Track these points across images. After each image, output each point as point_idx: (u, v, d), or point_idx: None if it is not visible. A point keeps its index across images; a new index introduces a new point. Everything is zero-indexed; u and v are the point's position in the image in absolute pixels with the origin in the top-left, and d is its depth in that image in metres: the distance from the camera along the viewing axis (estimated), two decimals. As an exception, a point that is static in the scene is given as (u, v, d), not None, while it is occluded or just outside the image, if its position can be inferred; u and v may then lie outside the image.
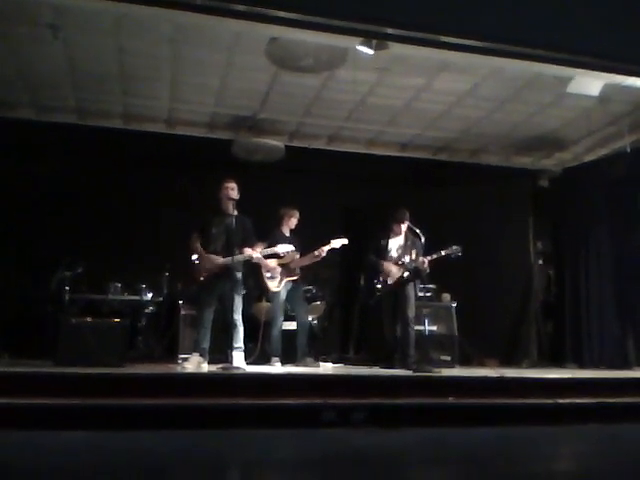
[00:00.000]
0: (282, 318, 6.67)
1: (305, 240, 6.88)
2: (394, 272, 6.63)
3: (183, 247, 6.14)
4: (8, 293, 7.36)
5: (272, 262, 6.63)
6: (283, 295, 6.68)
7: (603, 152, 8.22)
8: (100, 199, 7.86)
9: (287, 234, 6.83)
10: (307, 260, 6.77)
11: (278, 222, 6.85)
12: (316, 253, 6.70)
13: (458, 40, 5.11)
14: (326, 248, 6.70)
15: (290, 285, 6.71)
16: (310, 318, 7.17)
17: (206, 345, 5.91)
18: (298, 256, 6.75)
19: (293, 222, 6.87)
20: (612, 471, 3.32)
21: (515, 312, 8.68)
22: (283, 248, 6.32)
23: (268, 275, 6.66)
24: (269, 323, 6.78)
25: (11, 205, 7.41)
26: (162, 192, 7.93)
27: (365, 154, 8.41)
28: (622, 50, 5.39)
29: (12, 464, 3.09)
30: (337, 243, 6.71)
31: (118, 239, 7.75)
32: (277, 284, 6.66)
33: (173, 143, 7.84)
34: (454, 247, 6.45)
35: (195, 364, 5.80)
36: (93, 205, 7.80)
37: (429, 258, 6.50)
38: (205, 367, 5.80)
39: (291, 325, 6.82)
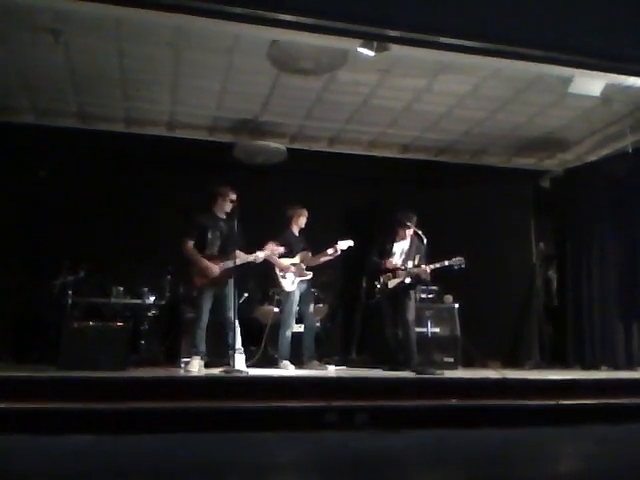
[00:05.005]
0: (294, 320, 6.61)
1: (308, 242, 6.87)
2: (394, 279, 6.63)
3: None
4: (10, 297, 7.36)
5: (285, 262, 6.60)
6: (296, 296, 6.60)
7: (605, 152, 8.20)
8: (101, 203, 7.86)
9: (297, 234, 6.80)
10: (319, 259, 6.74)
11: (287, 222, 6.79)
12: (330, 251, 6.68)
13: (458, 41, 5.09)
14: (336, 248, 6.69)
15: (302, 286, 6.67)
16: (313, 320, 7.15)
17: (204, 347, 5.95)
18: (310, 255, 6.72)
19: (302, 221, 6.81)
20: (616, 472, 3.31)
21: (518, 313, 8.67)
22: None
23: (281, 274, 6.60)
24: (274, 326, 6.76)
25: (13, 210, 7.42)
26: (163, 195, 7.93)
27: (366, 156, 8.40)
28: (623, 50, 5.38)
29: (15, 469, 3.09)
30: (344, 244, 6.70)
31: (120, 243, 7.76)
32: (291, 284, 6.59)
33: (174, 146, 7.84)
34: (457, 258, 6.44)
35: (198, 367, 5.83)
36: (95, 209, 7.79)
37: (432, 267, 6.49)
38: (203, 369, 5.84)
39: (297, 327, 6.76)
